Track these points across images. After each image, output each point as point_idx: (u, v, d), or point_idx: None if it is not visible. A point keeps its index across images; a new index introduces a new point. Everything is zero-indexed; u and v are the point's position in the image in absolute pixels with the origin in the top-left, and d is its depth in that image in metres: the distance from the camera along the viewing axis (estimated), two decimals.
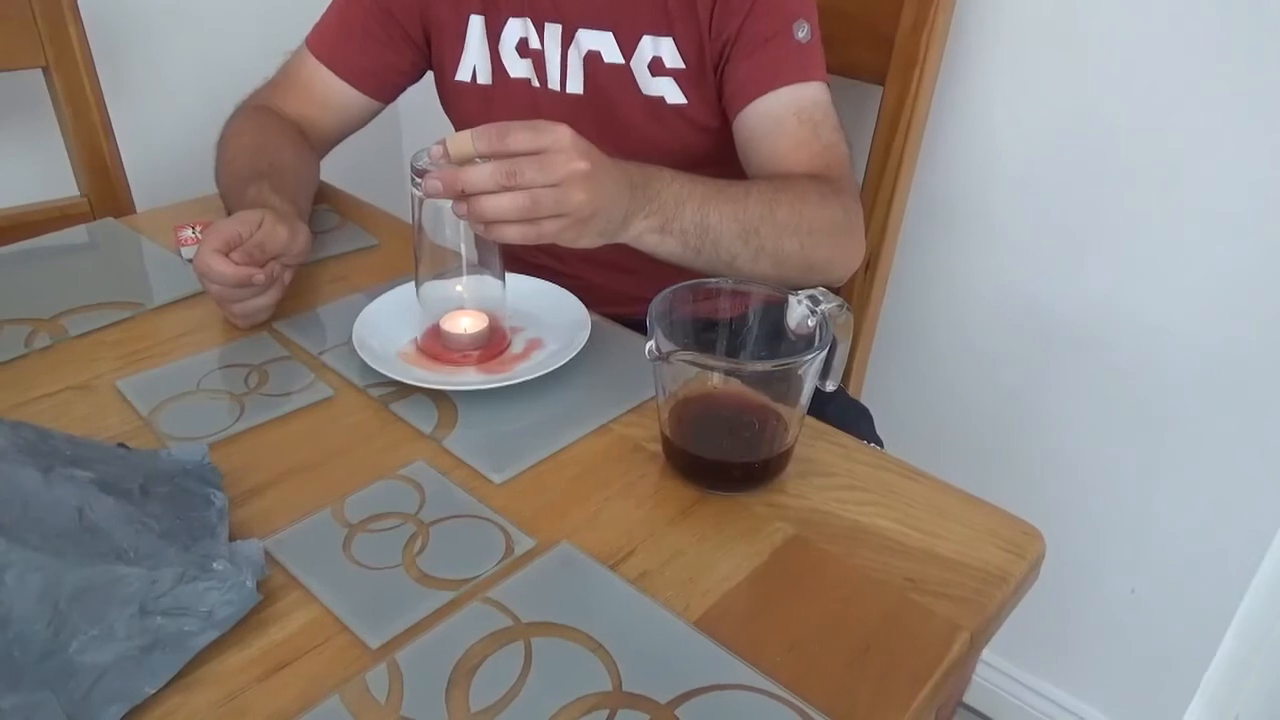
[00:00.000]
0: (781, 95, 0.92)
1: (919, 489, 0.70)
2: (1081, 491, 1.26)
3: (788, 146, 0.92)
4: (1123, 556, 1.26)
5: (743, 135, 0.95)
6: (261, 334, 0.86)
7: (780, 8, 0.92)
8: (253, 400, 0.77)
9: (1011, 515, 0.68)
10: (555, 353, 0.81)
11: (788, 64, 0.92)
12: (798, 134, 0.91)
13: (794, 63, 0.92)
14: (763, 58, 0.92)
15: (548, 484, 0.69)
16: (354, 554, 0.62)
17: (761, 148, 0.93)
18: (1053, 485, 1.29)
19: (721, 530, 0.66)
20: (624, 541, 0.64)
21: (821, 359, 0.64)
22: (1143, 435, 1.18)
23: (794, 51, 0.92)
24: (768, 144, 0.93)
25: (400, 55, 1.07)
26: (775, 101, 0.92)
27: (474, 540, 0.63)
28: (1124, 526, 1.24)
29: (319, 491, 0.67)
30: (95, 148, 1.18)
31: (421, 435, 0.74)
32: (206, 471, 0.66)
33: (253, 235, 0.83)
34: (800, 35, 0.92)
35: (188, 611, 0.55)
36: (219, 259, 0.81)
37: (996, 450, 1.33)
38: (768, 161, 0.93)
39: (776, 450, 0.68)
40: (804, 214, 0.86)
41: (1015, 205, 1.20)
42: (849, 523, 0.66)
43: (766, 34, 0.92)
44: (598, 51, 0.98)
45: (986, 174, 1.21)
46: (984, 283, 1.26)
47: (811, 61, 0.93)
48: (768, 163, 0.93)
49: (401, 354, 0.81)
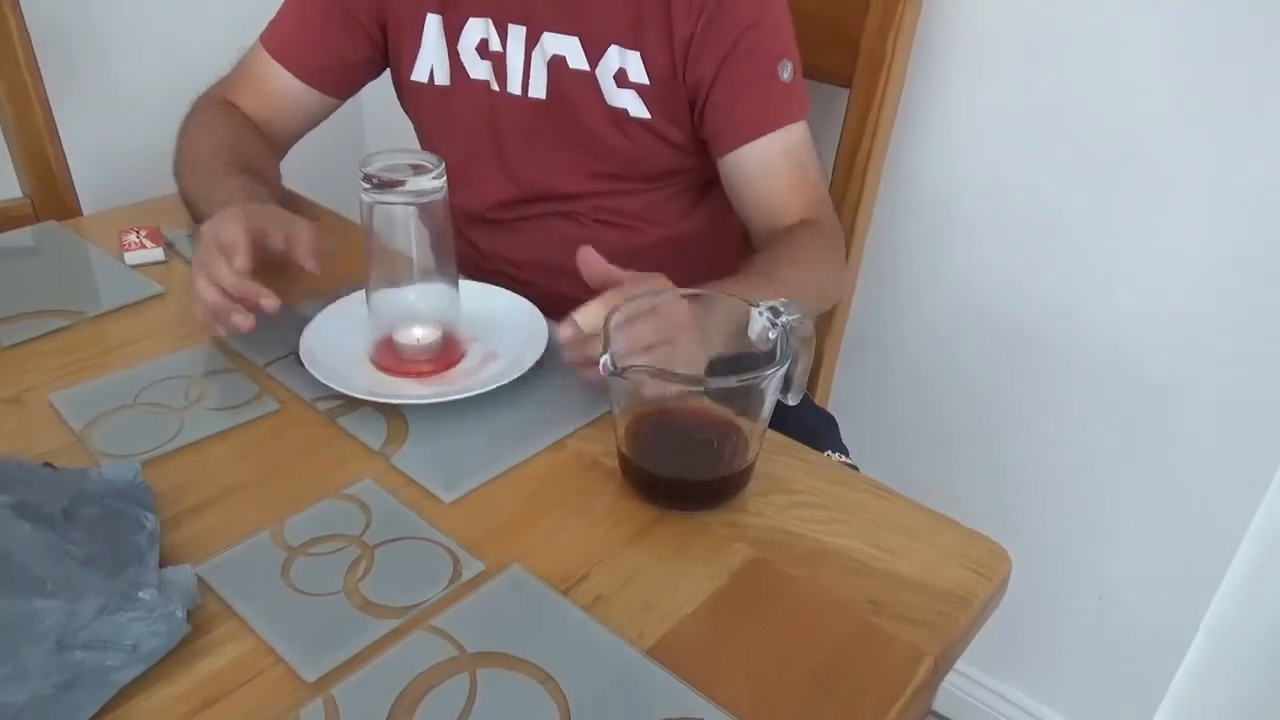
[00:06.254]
0: (772, 140, 0.94)
1: (884, 507, 0.68)
2: (1050, 495, 1.25)
3: (781, 191, 0.96)
4: (1091, 562, 1.25)
5: (733, 176, 0.98)
6: (205, 345, 0.82)
7: (762, 50, 0.93)
8: (193, 414, 0.73)
9: (978, 534, 0.66)
10: (511, 364, 0.78)
11: (775, 108, 0.94)
12: (789, 178, 0.96)
13: (781, 106, 0.95)
14: (750, 102, 0.94)
15: (500, 503, 0.67)
16: (293, 579, 0.59)
17: (754, 190, 0.97)
18: (1021, 489, 1.28)
19: (680, 552, 0.63)
20: (578, 564, 0.62)
21: (783, 374, 0.62)
22: (1111, 439, 1.17)
23: (780, 94, 0.94)
24: (760, 187, 0.97)
25: (356, 50, 1.04)
26: (765, 147, 0.95)
27: (420, 564, 0.61)
28: (1092, 531, 1.24)
29: (259, 512, 0.64)
30: (38, 148, 1.14)
31: (370, 452, 0.71)
32: (138, 491, 0.63)
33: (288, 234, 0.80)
34: (785, 76, 0.94)
35: (110, 645, 0.52)
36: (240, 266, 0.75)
37: (964, 455, 1.32)
38: (761, 202, 0.97)
39: (736, 468, 0.66)
40: (818, 275, 0.91)
41: (984, 208, 1.18)
42: (811, 543, 0.64)
43: (751, 77, 0.93)
44: (563, 56, 0.95)
45: (955, 176, 1.19)
46: (952, 287, 1.25)
47: (796, 101, 0.96)
48: (761, 203, 0.97)
49: (351, 366, 0.78)
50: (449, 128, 1.04)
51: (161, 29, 1.49)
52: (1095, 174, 1.08)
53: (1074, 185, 1.10)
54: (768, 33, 0.94)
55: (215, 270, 0.75)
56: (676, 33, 0.92)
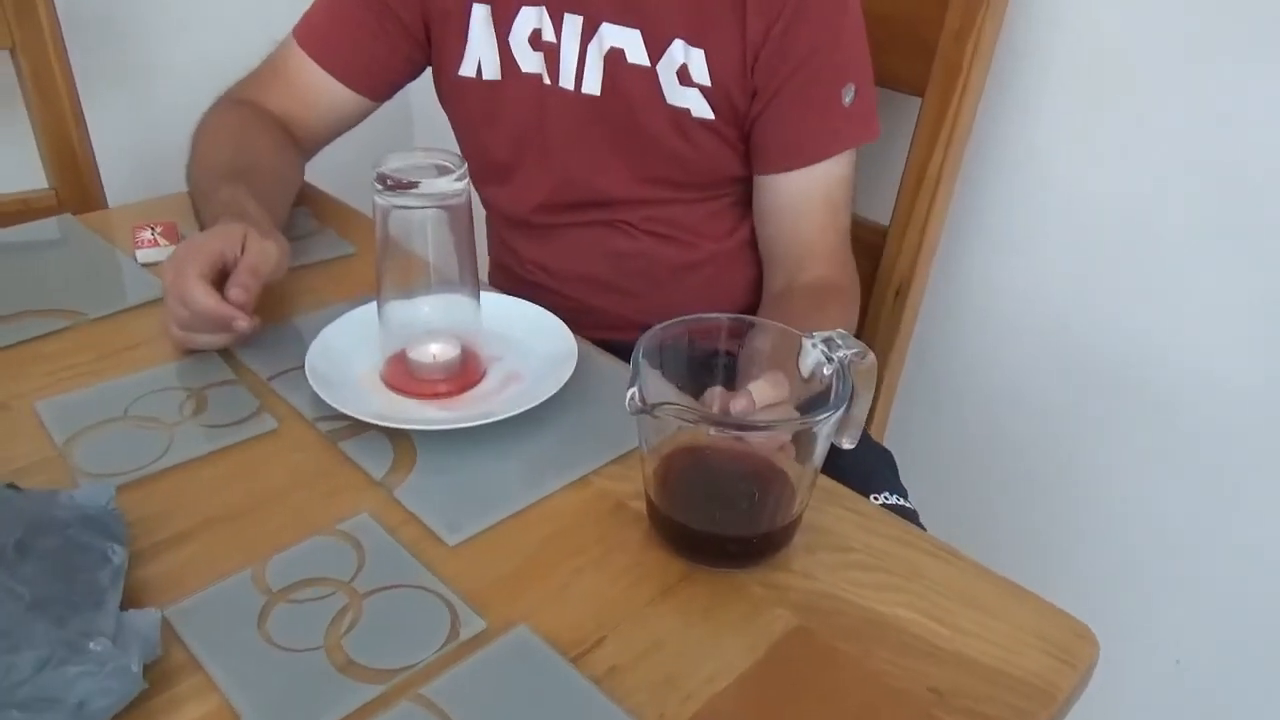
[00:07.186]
0: (815, 172, 0.91)
1: (950, 573, 0.59)
2: (1125, 547, 1.15)
3: (811, 230, 0.93)
4: (1169, 624, 1.14)
5: (766, 199, 0.95)
6: (210, 353, 0.76)
7: (833, 70, 0.88)
8: (184, 431, 0.67)
9: (1060, 612, 0.57)
10: (534, 388, 0.70)
11: (827, 134, 0.90)
12: (822, 219, 0.93)
13: (834, 133, 0.91)
14: (804, 127, 0.90)
15: (509, 548, 0.59)
16: (270, 630, 0.52)
17: (784, 221, 0.94)
18: (1092, 539, 1.17)
19: (710, 616, 0.55)
20: (592, 626, 0.54)
21: (839, 417, 0.54)
22: (1194, 488, 1.06)
23: (838, 119, 0.90)
24: (790, 220, 0.94)
25: (395, 50, 0.97)
26: (806, 179, 0.91)
27: (414, 618, 0.53)
28: (1171, 590, 1.13)
29: (242, 548, 0.58)
30: (63, 137, 1.10)
31: (370, 481, 0.64)
32: (109, 519, 0.56)
33: (238, 256, 0.73)
34: (847, 100, 0.89)
35: (53, 703, 0.45)
36: (203, 287, 0.70)
37: (1030, 498, 1.22)
38: (788, 236, 0.94)
39: (780, 522, 0.57)
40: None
41: (1062, 231, 1.08)
42: (865, 612, 0.56)
43: (811, 100, 0.88)
44: (621, 50, 0.88)
45: (1032, 196, 1.10)
46: (1024, 316, 1.14)
47: (853, 127, 0.92)
48: (786, 236, 0.94)
49: (360, 383, 0.71)
50: (494, 125, 0.97)
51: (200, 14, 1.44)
52: (1193, 202, 0.97)
53: (1168, 214, 0.99)
54: (839, 51, 0.88)
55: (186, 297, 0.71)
56: (750, 32, 0.86)
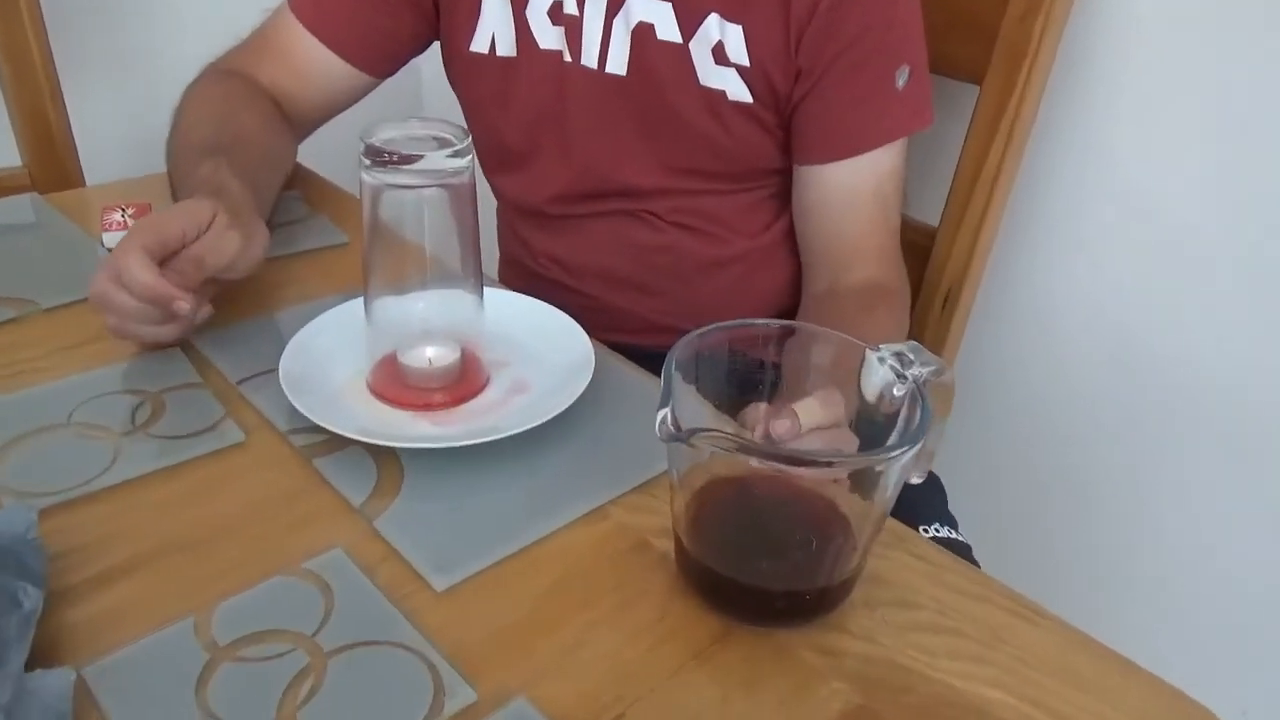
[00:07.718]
0: (863, 162, 0.83)
1: (1037, 637, 0.49)
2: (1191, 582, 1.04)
3: (857, 224, 0.86)
4: (1237, 670, 1.03)
5: (809, 192, 0.86)
6: (173, 352, 0.66)
7: (885, 51, 0.81)
8: (133, 443, 0.57)
9: (1172, 690, 0.46)
10: (544, 400, 0.61)
11: (878, 122, 0.83)
12: (871, 215, 0.85)
13: (886, 119, 0.83)
14: (853, 110, 0.82)
15: (509, 597, 0.49)
16: (210, 698, 0.42)
17: (830, 218, 0.86)
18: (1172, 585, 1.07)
19: (752, 690, 0.45)
20: (608, 699, 0.44)
21: (915, 452, 0.44)
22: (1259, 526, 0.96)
23: (890, 104, 0.82)
24: (836, 217, 0.86)
25: (399, 21, 0.88)
26: (853, 170, 0.83)
27: (388, 686, 0.43)
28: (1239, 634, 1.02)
29: (187, 589, 0.48)
30: (38, 112, 1.01)
31: (348, 508, 0.54)
32: (25, 551, 0.46)
33: (196, 239, 0.63)
34: (900, 83, 0.81)
35: None
36: (143, 262, 0.60)
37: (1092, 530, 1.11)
38: (832, 234, 0.86)
39: (838, 577, 0.47)
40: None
41: (1130, 236, 0.98)
42: (938, 687, 0.46)
43: (862, 83, 0.81)
44: (650, 25, 0.79)
45: (1098, 195, 0.99)
46: (1086, 327, 1.04)
47: (906, 112, 0.84)
48: (830, 233, 0.87)
49: (342, 391, 0.62)
50: (508, 107, 0.88)
51: None
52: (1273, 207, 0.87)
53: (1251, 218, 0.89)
54: (893, 30, 0.80)
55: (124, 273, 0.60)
56: (795, 7, 0.77)
